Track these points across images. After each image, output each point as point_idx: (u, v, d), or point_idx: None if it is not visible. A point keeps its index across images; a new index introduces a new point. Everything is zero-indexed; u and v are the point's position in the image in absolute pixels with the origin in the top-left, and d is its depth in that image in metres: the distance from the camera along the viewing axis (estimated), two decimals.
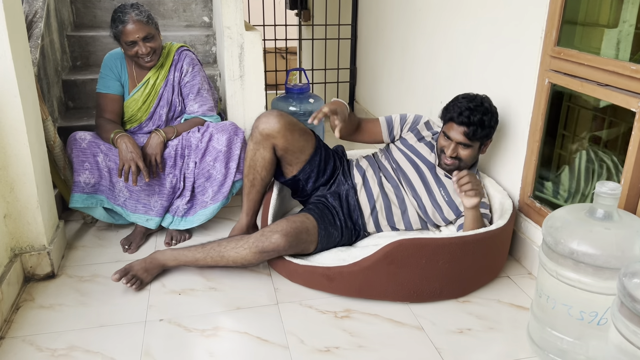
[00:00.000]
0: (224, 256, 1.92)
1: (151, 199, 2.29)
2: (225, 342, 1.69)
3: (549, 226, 1.51)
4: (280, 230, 1.88)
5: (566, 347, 1.51)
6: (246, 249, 1.89)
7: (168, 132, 2.26)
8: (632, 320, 1.15)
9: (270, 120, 2.01)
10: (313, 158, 2.13)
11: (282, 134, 2.01)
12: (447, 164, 2.07)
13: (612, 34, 1.84)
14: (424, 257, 1.81)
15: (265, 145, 2.04)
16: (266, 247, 1.87)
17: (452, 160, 2.04)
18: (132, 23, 2.13)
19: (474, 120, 1.96)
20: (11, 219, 1.90)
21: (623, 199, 1.65)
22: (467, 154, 2.03)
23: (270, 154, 2.06)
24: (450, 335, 1.72)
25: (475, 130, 1.97)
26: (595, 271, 1.39)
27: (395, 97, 3.43)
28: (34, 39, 2.40)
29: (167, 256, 1.99)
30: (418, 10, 2.98)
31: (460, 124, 1.98)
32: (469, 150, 2.03)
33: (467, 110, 1.97)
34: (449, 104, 2.07)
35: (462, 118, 1.97)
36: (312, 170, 2.14)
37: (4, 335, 1.69)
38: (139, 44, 2.16)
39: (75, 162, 2.20)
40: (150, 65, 2.24)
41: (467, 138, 1.99)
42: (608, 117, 1.95)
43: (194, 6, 3.33)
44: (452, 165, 2.06)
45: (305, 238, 1.93)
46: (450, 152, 2.02)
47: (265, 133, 2.01)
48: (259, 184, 2.14)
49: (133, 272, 1.92)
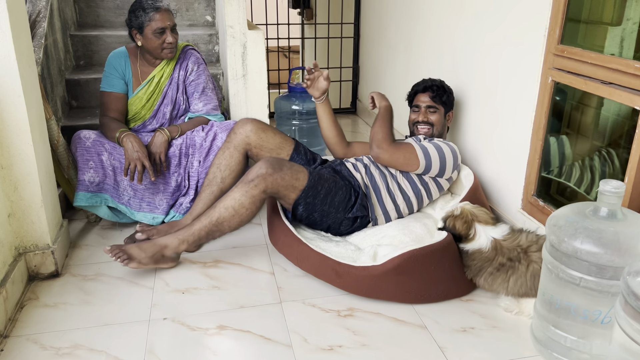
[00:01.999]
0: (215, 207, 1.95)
1: (156, 198, 2.30)
2: (228, 340, 1.69)
3: (552, 225, 1.50)
4: (264, 161, 1.96)
5: (570, 346, 1.50)
6: (234, 190, 1.95)
7: (172, 131, 2.27)
8: (636, 318, 1.15)
9: (246, 122, 2.21)
10: (297, 148, 2.29)
11: (254, 131, 2.19)
12: (423, 133, 2.34)
13: (615, 31, 1.83)
14: (432, 264, 1.81)
15: (237, 144, 2.17)
16: (250, 176, 1.93)
17: (426, 126, 2.33)
18: (165, 11, 2.19)
19: (436, 84, 2.37)
20: (15, 218, 1.91)
21: (627, 197, 1.64)
22: (436, 118, 2.34)
23: (239, 154, 2.18)
24: (454, 334, 1.72)
25: (439, 92, 2.34)
26: (599, 270, 1.38)
27: (399, 96, 3.42)
28: (37, 38, 2.41)
29: (165, 237, 2.01)
30: (421, 9, 2.98)
31: (424, 90, 2.36)
32: (437, 115, 2.34)
33: (428, 81, 2.40)
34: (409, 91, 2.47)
35: (425, 84, 2.38)
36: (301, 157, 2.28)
37: (9, 333, 1.69)
38: (168, 32, 2.18)
39: (79, 160, 2.20)
40: (170, 57, 2.27)
41: (433, 101, 2.33)
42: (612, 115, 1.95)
43: (197, 5, 3.34)
44: (428, 133, 2.33)
45: (289, 166, 1.99)
46: (422, 116, 2.33)
47: (239, 132, 2.18)
48: (216, 185, 2.18)
49: (124, 247, 1.94)
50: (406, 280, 1.81)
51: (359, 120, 4.19)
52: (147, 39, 2.20)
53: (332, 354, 1.62)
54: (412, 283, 1.82)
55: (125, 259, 1.91)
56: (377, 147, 2.13)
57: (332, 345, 1.65)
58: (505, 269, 1.78)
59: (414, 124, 2.37)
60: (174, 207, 2.33)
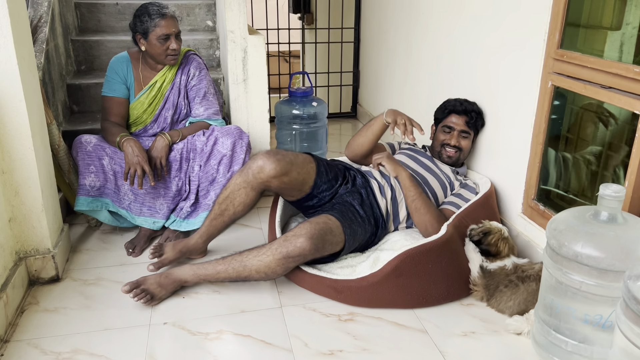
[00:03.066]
0: (246, 265, 1.82)
1: (156, 202, 2.30)
2: (229, 345, 1.69)
3: (552, 229, 1.50)
4: (304, 234, 1.79)
5: (571, 350, 1.50)
6: (269, 255, 1.80)
7: (173, 136, 2.27)
8: (637, 323, 1.14)
9: (266, 165, 1.96)
10: (319, 172, 2.10)
11: (277, 178, 1.97)
12: (449, 156, 2.28)
13: (615, 36, 1.84)
14: (429, 262, 1.81)
15: (255, 186, 1.99)
16: (291, 251, 1.78)
17: (454, 151, 2.27)
18: (170, 18, 2.19)
19: (475, 109, 2.29)
20: (16, 222, 1.91)
21: (627, 201, 1.64)
22: (466, 144, 2.29)
23: (256, 194, 2.01)
24: (455, 339, 1.71)
25: (476, 118, 2.27)
26: (600, 274, 1.38)
27: (399, 100, 3.43)
28: (38, 43, 2.42)
29: (185, 271, 1.90)
30: (421, 13, 2.99)
31: (461, 113, 2.27)
32: (467, 141, 2.29)
33: (465, 102, 2.30)
34: (441, 104, 2.37)
35: (463, 107, 2.28)
36: (324, 181, 2.10)
37: (9, 338, 1.69)
38: (172, 39, 2.19)
39: (80, 165, 2.21)
40: (173, 63, 2.28)
41: (467, 126, 2.26)
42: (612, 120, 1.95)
43: (198, 10, 3.35)
44: (454, 157, 2.28)
45: (330, 239, 1.85)
46: (455, 140, 2.25)
47: (260, 177, 1.97)
48: (229, 217, 2.04)
49: (144, 286, 1.84)
50: (405, 282, 1.81)
51: (360, 124, 4.20)
52: (151, 44, 2.21)
53: (332, 359, 1.62)
54: (411, 285, 1.82)
55: (148, 300, 1.84)
56: (434, 232, 1.95)
57: (332, 350, 1.65)
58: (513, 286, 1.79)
59: (442, 145, 2.29)
60: (174, 211, 2.33)
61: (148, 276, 1.88)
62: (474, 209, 2.05)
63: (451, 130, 2.28)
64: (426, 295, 1.85)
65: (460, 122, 2.27)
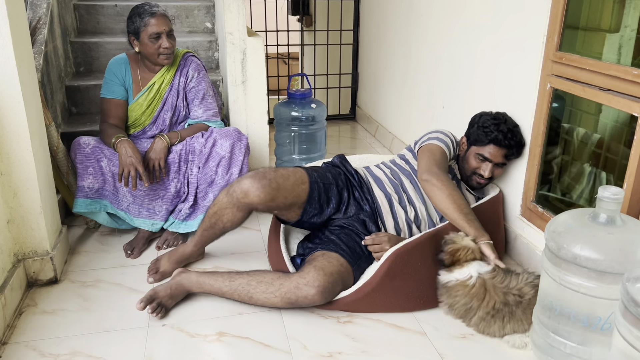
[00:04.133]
0: (252, 297, 1.81)
1: (155, 204, 2.30)
2: (228, 347, 1.68)
3: (551, 231, 1.50)
4: (317, 286, 1.74)
5: (570, 352, 1.50)
6: (277, 297, 1.77)
7: (172, 137, 2.27)
8: (636, 325, 1.14)
9: (252, 191, 1.87)
10: (311, 198, 1.97)
11: (263, 203, 1.89)
12: (479, 184, 2.14)
13: (613, 38, 1.84)
14: (418, 260, 1.82)
15: (241, 207, 1.91)
16: (300, 301, 1.76)
17: (486, 181, 2.12)
18: (160, 16, 2.19)
19: (516, 143, 2.07)
20: (14, 224, 1.91)
21: (626, 203, 1.64)
22: (499, 173, 2.13)
23: (243, 214, 1.94)
24: (453, 341, 1.71)
25: (517, 152, 2.10)
26: (599, 276, 1.38)
27: (397, 102, 3.44)
28: (37, 45, 2.41)
29: (192, 282, 1.88)
30: (420, 16, 2.99)
31: (504, 147, 2.06)
32: (500, 170, 2.13)
33: (509, 133, 2.05)
34: (484, 124, 2.09)
35: (508, 141, 2.05)
36: (314, 207, 1.99)
37: (7, 340, 1.69)
38: (163, 37, 2.19)
39: (79, 167, 2.20)
40: (166, 63, 2.27)
41: (506, 159, 2.10)
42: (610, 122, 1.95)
43: (197, 12, 3.35)
44: (484, 184, 2.15)
45: (340, 289, 1.81)
46: (489, 173, 2.08)
47: (245, 202, 1.90)
48: (219, 230, 2.00)
49: (158, 300, 1.81)
50: (400, 284, 1.81)
51: (358, 126, 4.20)
52: (143, 44, 2.21)
53: None
54: (406, 287, 1.82)
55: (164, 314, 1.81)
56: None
57: (331, 352, 1.65)
58: (501, 315, 1.68)
59: (473, 173, 2.12)
60: (173, 213, 2.33)
61: (158, 289, 1.85)
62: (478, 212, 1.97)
63: (486, 160, 2.08)
64: (423, 296, 1.85)
65: (499, 155, 2.07)
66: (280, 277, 1.80)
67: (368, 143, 3.75)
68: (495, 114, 2.13)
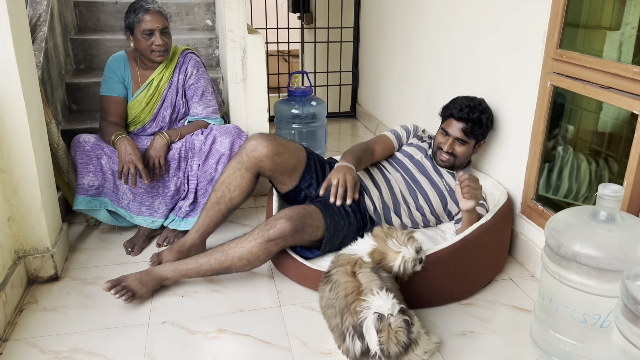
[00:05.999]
0: (228, 254, 1.85)
1: (155, 201, 2.30)
2: (228, 344, 1.69)
3: (551, 228, 1.51)
4: (283, 216, 1.83)
5: (569, 350, 1.50)
6: (251, 241, 1.83)
7: (172, 135, 2.27)
8: (635, 322, 1.15)
9: (260, 144, 2.02)
10: (309, 166, 2.14)
11: (270, 157, 2.02)
12: (442, 160, 2.18)
13: (614, 36, 1.84)
14: (437, 269, 1.81)
15: (249, 166, 2.02)
16: (271, 234, 1.81)
17: (447, 157, 2.15)
18: (155, 13, 2.19)
19: (473, 117, 2.10)
20: (15, 221, 1.91)
21: (626, 201, 1.64)
22: (462, 151, 2.15)
23: (251, 175, 2.04)
24: (453, 338, 1.72)
25: (473, 127, 2.10)
26: (598, 273, 1.39)
27: (398, 99, 3.43)
28: (37, 42, 2.41)
29: (165, 267, 1.91)
30: (420, 13, 2.99)
31: (459, 120, 2.11)
32: (465, 147, 2.14)
33: (466, 107, 2.11)
34: (448, 102, 2.21)
35: (462, 114, 2.10)
36: (311, 176, 2.14)
37: (8, 337, 1.69)
38: (156, 34, 2.18)
39: (79, 164, 2.21)
40: (160, 60, 2.26)
41: (464, 134, 2.11)
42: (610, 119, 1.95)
43: (197, 9, 3.34)
44: (448, 162, 2.17)
45: (310, 222, 1.88)
46: (447, 147, 2.13)
47: (254, 156, 2.01)
48: (224, 204, 2.05)
49: (125, 283, 1.83)
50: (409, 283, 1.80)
51: (359, 123, 4.20)
52: (137, 40, 2.22)
53: (331, 358, 1.62)
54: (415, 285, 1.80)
55: (130, 297, 1.83)
56: None
57: (331, 349, 1.65)
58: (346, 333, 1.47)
59: (438, 148, 2.18)
60: (173, 210, 2.33)
61: (128, 274, 1.87)
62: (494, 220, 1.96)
63: (446, 135, 2.15)
64: (428, 296, 1.85)
65: (457, 129, 2.12)
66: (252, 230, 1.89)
67: None
68: (466, 95, 2.23)
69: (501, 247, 2.07)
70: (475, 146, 2.19)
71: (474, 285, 1.95)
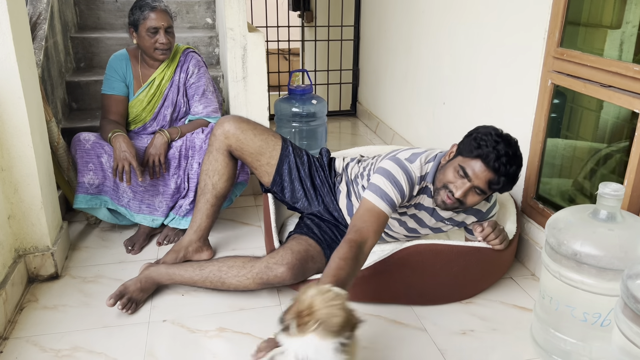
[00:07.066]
0: (224, 282, 1.85)
1: (155, 200, 2.30)
2: (228, 342, 1.69)
3: (552, 227, 1.50)
4: (286, 264, 1.79)
5: (569, 349, 1.50)
6: (249, 279, 1.81)
7: (172, 133, 2.27)
8: (635, 321, 1.15)
9: (224, 121, 2.02)
10: (280, 167, 2.02)
11: (232, 132, 1.99)
12: (444, 203, 1.71)
13: (615, 35, 1.84)
14: (438, 263, 1.80)
15: (218, 146, 2.02)
16: (271, 280, 1.80)
17: (453, 202, 1.69)
18: (160, 11, 2.19)
19: (510, 172, 1.63)
20: (15, 220, 1.91)
21: (626, 200, 1.64)
22: (474, 201, 1.70)
23: (223, 156, 2.02)
24: (454, 337, 1.72)
25: (505, 183, 1.65)
26: (599, 272, 1.39)
27: (398, 98, 3.43)
28: (38, 40, 2.41)
29: (161, 273, 1.90)
30: (421, 12, 2.99)
31: (491, 170, 1.62)
32: (479, 198, 1.69)
33: (504, 157, 1.61)
34: (479, 134, 1.66)
35: (497, 164, 1.61)
36: (284, 179, 2.03)
37: (8, 335, 1.69)
38: (161, 33, 2.19)
39: (79, 163, 2.21)
40: (163, 58, 2.26)
41: (488, 187, 1.65)
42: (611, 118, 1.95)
43: (197, 8, 3.34)
44: (451, 208, 1.73)
45: (311, 266, 1.86)
46: (461, 194, 1.65)
47: (218, 133, 2.01)
48: (209, 193, 2.04)
49: (129, 295, 1.82)
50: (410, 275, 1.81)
51: (359, 122, 4.20)
52: (141, 37, 2.22)
53: None
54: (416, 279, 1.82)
55: (135, 309, 1.82)
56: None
57: None
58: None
59: (444, 186, 1.70)
60: (173, 209, 2.33)
61: (127, 283, 1.85)
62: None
63: (465, 177, 1.65)
64: (429, 293, 1.85)
65: (483, 177, 1.63)
66: (251, 260, 1.85)
67: (369, 139, 3.75)
68: (501, 132, 1.68)
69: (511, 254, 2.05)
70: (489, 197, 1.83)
71: (478, 288, 1.94)
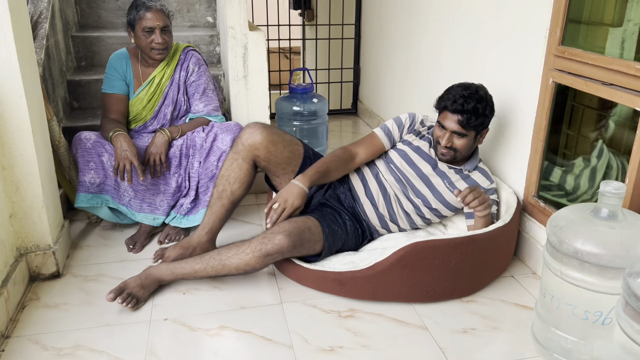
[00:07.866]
0: (225, 264, 1.85)
1: (156, 198, 2.30)
2: (229, 341, 1.69)
3: (553, 226, 1.50)
4: (282, 231, 1.83)
5: (570, 347, 1.50)
6: (249, 253, 1.83)
7: (173, 132, 2.27)
8: (637, 319, 1.15)
9: (254, 132, 2.02)
10: (305, 158, 2.12)
11: (264, 145, 2.01)
12: (443, 154, 2.03)
13: (616, 32, 1.84)
14: (436, 259, 1.80)
15: (245, 156, 2.02)
16: (269, 249, 1.82)
17: (447, 150, 1.99)
18: (156, 11, 2.19)
19: (468, 108, 1.90)
20: (17, 218, 1.91)
21: (628, 198, 1.64)
22: (462, 144, 1.98)
23: (248, 165, 2.03)
24: (455, 335, 1.72)
25: (469, 119, 1.91)
26: (600, 271, 1.38)
27: (399, 96, 3.43)
28: (39, 39, 2.41)
29: (162, 270, 1.90)
30: (422, 10, 2.98)
31: (454, 112, 1.93)
32: (464, 140, 1.97)
33: (461, 98, 1.91)
34: (442, 93, 2.01)
35: (456, 106, 1.92)
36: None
37: (10, 334, 1.70)
38: (156, 32, 2.18)
39: (80, 162, 2.21)
40: (159, 58, 2.26)
41: (461, 127, 1.93)
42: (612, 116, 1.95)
43: (198, 6, 3.34)
44: (448, 156, 2.01)
45: (309, 237, 1.89)
46: (445, 141, 1.96)
47: (248, 144, 2.01)
48: (227, 198, 2.04)
49: (128, 291, 1.82)
50: (410, 273, 1.80)
51: (360, 121, 4.19)
52: (137, 36, 2.22)
53: (332, 355, 1.62)
54: (416, 277, 1.82)
55: (135, 304, 1.82)
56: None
57: (332, 346, 1.66)
58: None
59: (437, 142, 2.02)
60: (174, 207, 2.34)
61: (128, 280, 1.86)
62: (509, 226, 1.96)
63: (444, 128, 1.98)
64: (430, 290, 1.84)
65: (453, 122, 1.93)
66: (249, 238, 1.88)
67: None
68: (461, 82, 2.01)
69: (509, 248, 2.06)
70: (477, 137, 2.02)
71: (477, 283, 1.95)
